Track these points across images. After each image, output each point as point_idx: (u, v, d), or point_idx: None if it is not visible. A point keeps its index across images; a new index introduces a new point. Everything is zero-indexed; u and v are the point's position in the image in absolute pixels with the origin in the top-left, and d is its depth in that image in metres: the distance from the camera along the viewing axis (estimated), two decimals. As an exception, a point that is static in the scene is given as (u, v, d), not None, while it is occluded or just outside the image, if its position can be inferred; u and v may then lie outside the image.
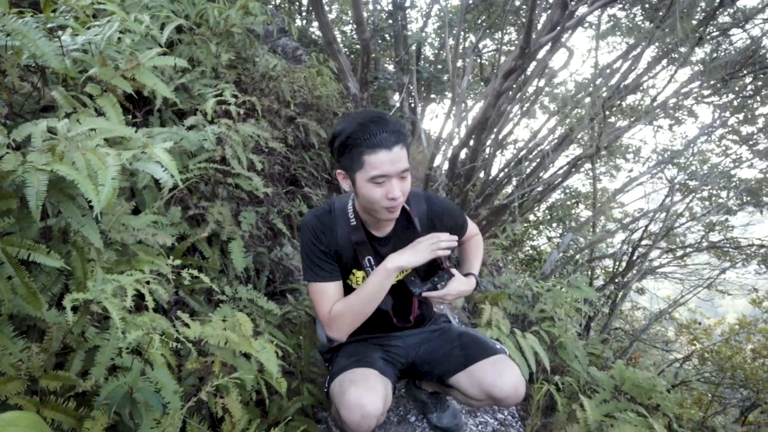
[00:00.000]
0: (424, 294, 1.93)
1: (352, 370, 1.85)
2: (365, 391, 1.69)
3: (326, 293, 1.89)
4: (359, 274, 1.97)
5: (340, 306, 1.86)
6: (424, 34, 9.61)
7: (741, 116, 7.20)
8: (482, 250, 2.27)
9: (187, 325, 1.46)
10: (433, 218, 2.00)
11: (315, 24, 8.00)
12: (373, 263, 1.91)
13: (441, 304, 3.30)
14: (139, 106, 2.46)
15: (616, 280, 7.90)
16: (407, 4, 8.70)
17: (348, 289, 1.96)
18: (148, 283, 1.38)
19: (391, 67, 9.70)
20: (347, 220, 1.90)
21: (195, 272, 1.54)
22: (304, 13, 9.60)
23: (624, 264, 8.12)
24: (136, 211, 2.00)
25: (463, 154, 5.21)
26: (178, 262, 1.61)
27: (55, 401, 1.25)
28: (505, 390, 1.83)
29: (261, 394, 1.79)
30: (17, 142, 1.33)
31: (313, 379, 2.42)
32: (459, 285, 1.96)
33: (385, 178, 1.65)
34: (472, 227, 2.24)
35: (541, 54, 4.52)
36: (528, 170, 5.95)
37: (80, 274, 1.43)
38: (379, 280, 1.81)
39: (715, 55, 6.61)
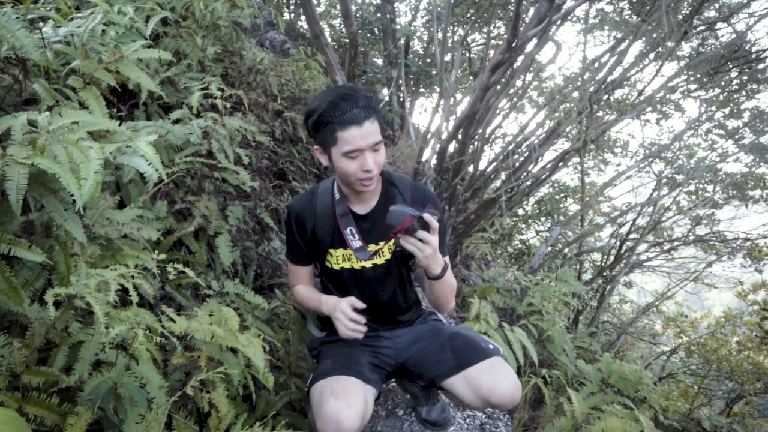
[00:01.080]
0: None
1: (335, 377, 1.81)
2: (344, 406, 1.65)
3: (296, 274, 2.14)
4: (336, 253, 2.00)
5: (302, 293, 2.10)
6: (412, 27, 9.59)
7: (727, 110, 7.27)
8: (452, 293, 2.05)
9: (172, 320, 1.45)
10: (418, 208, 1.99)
11: (303, 18, 7.96)
12: (355, 233, 1.93)
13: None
14: (124, 100, 2.44)
15: (604, 274, 7.96)
16: (396, -3, 8.67)
17: (326, 271, 2.07)
18: (132, 277, 1.37)
19: (379, 61, 9.68)
20: (332, 195, 1.98)
21: (180, 267, 1.53)
22: (292, 7, 9.53)
23: (612, 257, 8.18)
24: (121, 206, 1.98)
25: (451, 148, 5.21)
26: (163, 256, 1.60)
27: (38, 397, 1.23)
28: (502, 397, 1.80)
29: (248, 389, 1.78)
30: (-3, 135, 1.31)
31: (301, 373, 2.41)
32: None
33: (358, 152, 1.72)
34: (448, 260, 2.05)
35: (528, 48, 4.52)
36: (516, 164, 5.96)
37: (63, 269, 1.42)
38: (323, 308, 1.99)
39: (701, 49, 6.66)
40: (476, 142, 5.79)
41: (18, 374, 1.24)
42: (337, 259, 2.00)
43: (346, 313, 1.84)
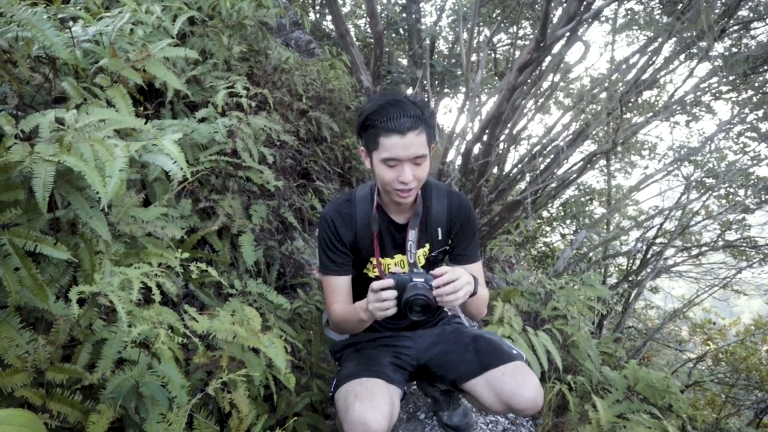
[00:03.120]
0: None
1: (358, 380, 1.79)
2: (370, 409, 1.64)
3: (335, 287, 1.95)
4: (375, 262, 1.96)
5: (339, 312, 1.90)
6: (438, 27, 9.54)
7: (760, 113, 7.08)
8: (485, 303, 2.00)
9: (194, 319, 1.44)
10: (453, 216, 1.97)
11: (329, 17, 7.97)
12: (414, 247, 1.91)
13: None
14: (150, 98, 2.45)
15: (630, 279, 7.82)
16: (421, -3, 8.64)
17: (364, 280, 1.97)
18: (156, 276, 1.36)
19: (404, 61, 9.64)
20: (370, 202, 1.93)
21: (203, 266, 1.53)
22: (317, 7, 9.56)
23: (638, 262, 8.03)
24: (146, 204, 1.99)
25: (476, 149, 5.17)
26: (186, 255, 1.60)
27: (61, 394, 1.24)
28: (524, 402, 1.77)
29: (270, 389, 1.78)
30: (25, 132, 1.32)
31: (323, 374, 2.40)
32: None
33: (397, 162, 1.69)
34: (479, 268, 2.06)
35: (556, 48, 4.46)
36: (542, 166, 5.89)
37: (88, 267, 1.42)
38: (362, 314, 1.77)
39: (735, 50, 6.49)
40: (502, 144, 5.74)
41: (42, 371, 1.24)
42: (375, 270, 1.98)
43: (379, 297, 1.67)
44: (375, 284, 1.65)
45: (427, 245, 1.98)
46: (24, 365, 1.23)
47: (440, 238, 1.98)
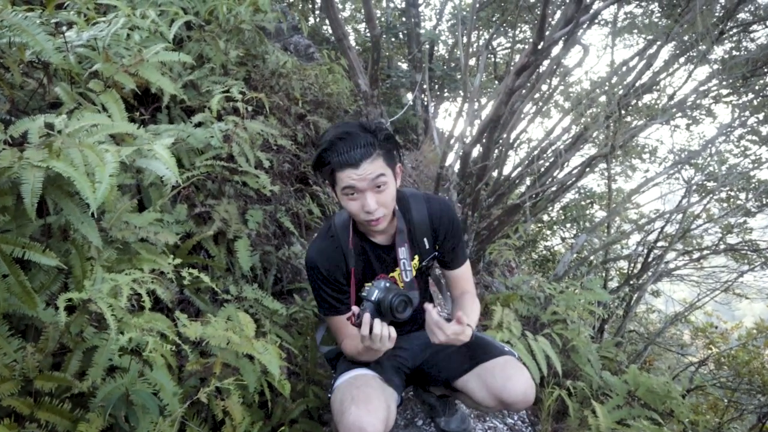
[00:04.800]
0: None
1: (355, 382, 1.77)
2: (366, 413, 1.62)
3: (338, 326, 1.93)
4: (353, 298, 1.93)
5: (350, 349, 1.87)
6: (437, 31, 9.55)
7: (761, 116, 7.06)
8: (479, 310, 2.00)
9: (186, 326, 1.43)
10: (435, 224, 1.94)
11: (328, 22, 7.98)
12: (407, 265, 1.89)
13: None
14: (147, 103, 2.44)
15: (631, 282, 7.79)
16: (420, 1, 8.65)
17: (357, 300, 1.91)
18: (146, 282, 1.35)
19: (404, 65, 9.65)
20: (349, 233, 1.88)
21: (196, 272, 1.51)
22: (317, 12, 9.57)
23: (639, 266, 8.00)
24: (142, 209, 1.97)
25: (475, 153, 5.16)
26: (179, 261, 1.58)
27: (50, 403, 1.22)
28: (514, 394, 1.77)
29: (265, 396, 1.76)
30: (15, 138, 1.31)
31: (319, 381, 2.39)
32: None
33: (356, 191, 1.66)
34: (467, 268, 2.09)
35: (555, 51, 4.45)
36: (541, 169, 5.87)
37: (79, 273, 1.41)
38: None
39: (735, 52, 6.48)
40: (501, 147, 5.72)
41: (31, 379, 1.23)
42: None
43: (365, 335, 1.65)
44: (362, 331, 1.61)
45: (417, 257, 1.96)
46: (12, 374, 1.21)
47: (428, 247, 1.96)
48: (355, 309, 1.63)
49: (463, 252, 2.05)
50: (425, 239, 1.95)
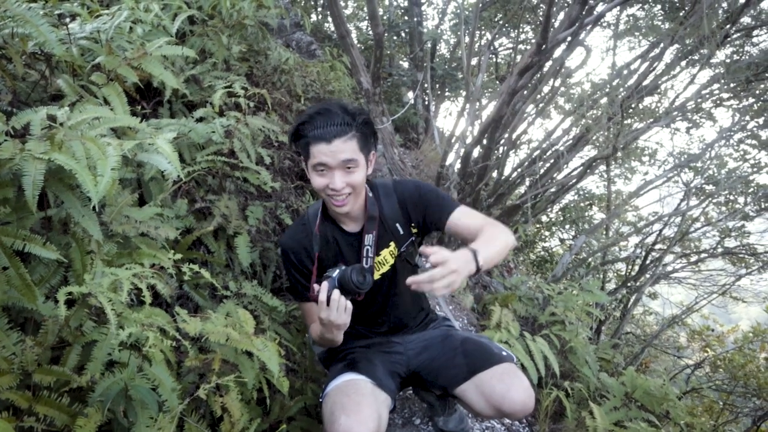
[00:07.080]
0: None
1: (346, 392, 1.75)
2: (356, 424, 1.60)
3: (307, 311, 1.98)
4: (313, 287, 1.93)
5: (316, 331, 1.86)
6: (439, 31, 9.54)
7: (761, 120, 7.07)
8: (501, 242, 1.72)
9: (186, 321, 1.42)
10: (405, 205, 1.94)
11: (330, 19, 7.96)
12: (371, 253, 1.89)
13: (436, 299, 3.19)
14: (149, 97, 2.43)
15: (629, 284, 7.81)
16: (423, 0, 8.63)
17: None
18: (147, 277, 1.34)
19: (405, 64, 9.64)
20: (319, 217, 1.93)
21: (196, 267, 1.51)
22: (319, 8, 9.56)
23: (637, 268, 8.02)
24: (142, 203, 1.96)
25: (475, 153, 5.15)
26: (179, 256, 1.57)
27: (49, 397, 1.21)
28: (514, 405, 1.75)
29: (263, 393, 1.75)
30: (17, 129, 1.30)
31: (317, 378, 2.38)
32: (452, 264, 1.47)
33: (326, 168, 1.71)
34: (465, 211, 1.90)
35: (557, 52, 4.44)
36: (542, 171, 5.87)
37: (79, 267, 1.40)
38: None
39: (737, 57, 6.48)
40: (501, 147, 5.72)
41: (29, 373, 1.22)
42: None
43: (334, 300, 1.62)
44: (320, 297, 1.61)
45: (392, 243, 1.94)
46: (10, 367, 1.20)
47: (402, 232, 1.95)
48: (316, 286, 1.66)
49: (447, 202, 1.92)
50: (398, 224, 1.94)
